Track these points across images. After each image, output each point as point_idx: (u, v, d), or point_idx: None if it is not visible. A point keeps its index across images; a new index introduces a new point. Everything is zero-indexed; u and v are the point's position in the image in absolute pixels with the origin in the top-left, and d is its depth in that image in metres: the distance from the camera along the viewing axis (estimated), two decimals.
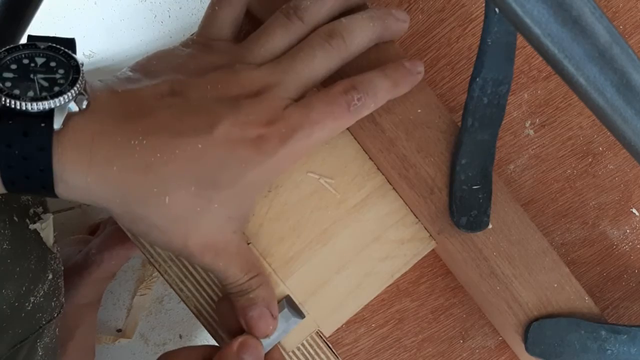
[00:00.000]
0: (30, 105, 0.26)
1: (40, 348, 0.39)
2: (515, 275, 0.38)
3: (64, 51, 0.28)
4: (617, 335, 0.36)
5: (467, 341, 0.44)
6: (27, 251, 0.36)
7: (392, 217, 0.39)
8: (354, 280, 0.39)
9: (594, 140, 0.45)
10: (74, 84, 0.27)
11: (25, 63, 0.27)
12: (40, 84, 0.27)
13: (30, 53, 0.28)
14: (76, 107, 0.27)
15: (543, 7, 0.20)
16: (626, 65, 0.21)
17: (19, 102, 0.26)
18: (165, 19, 0.65)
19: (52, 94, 0.27)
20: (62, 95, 0.27)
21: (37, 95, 0.26)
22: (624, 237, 0.45)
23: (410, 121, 0.37)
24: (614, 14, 0.44)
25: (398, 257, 0.39)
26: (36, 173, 0.27)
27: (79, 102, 0.27)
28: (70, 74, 0.28)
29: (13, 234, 0.35)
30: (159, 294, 0.72)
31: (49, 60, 0.28)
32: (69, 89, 0.27)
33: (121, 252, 0.60)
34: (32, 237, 0.38)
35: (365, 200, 0.38)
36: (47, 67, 0.27)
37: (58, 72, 0.27)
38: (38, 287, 0.38)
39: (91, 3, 0.62)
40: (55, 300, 0.41)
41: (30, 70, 0.27)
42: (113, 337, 0.70)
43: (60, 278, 0.42)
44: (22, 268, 0.36)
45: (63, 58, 0.28)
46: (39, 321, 0.38)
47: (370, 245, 0.39)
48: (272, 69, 0.32)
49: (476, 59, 0.34)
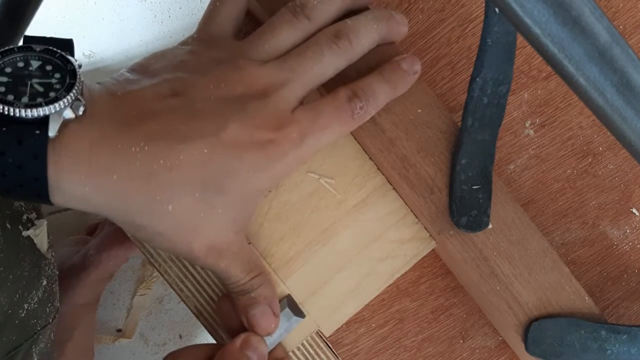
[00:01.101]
0: (25, 112, 0.25)
1: (36, 354, 0.39)
2: (515, 275, 0.38)
3: (60, 54, 0.27)
4: (617, 335, 0.36)
5: (467, 341, 0.44)
6: (20, 258, 0.36)
7: (392, 217, 0.39)
8: (354, 280, 0.39)
9: (594, 140, 0.45)
10: (70, 90, 0.26)
11: (20, 66, 0.26)
12: (35, 88, 0.26)
13: (25, 56, 0.26)
14: (72, 114, 0.26)
15: (543, 7, 0.20)
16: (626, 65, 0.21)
17: (12, 108, 0.25)
18: (165, 19, 0.65)
19: (47, 100, 0.25)
20: (58, 101, 0.25)
21: (32, 102, 0.25)
22: (624, 237, 0.45)
23: (410, 121, 0.37)
24: (614, 14, 0.44)
25: (398, 257, 0.39)
26: (30, 181, 0.25)
27: (76, 108, 0.26)
28: (67, 79, 0.26)
29: (6, 241, 0.35)
30: (159, 294, 0.72)
31: (44, 63, 0.27)
32: (65, 95, 0.26)
33: (119, 253, 0.60)
34: (26, 243, 0.37)
35: (366, 200, 0.38)
36: (43, 71, 0.26)
37: (54, 77, 0.26)
38: (32, 293, 0.37)
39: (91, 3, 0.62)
40: (49, 305, 0.40)
41: (25, 74, 0.26)
42: (113, 337, 0.70)
43: (54, 283, 0.41)
44: (16, 275, 0.35)
45: (59, 61, 0.27)
46: (34, 327, 0.38)
47: (370, 245, 0.39)
48: (278, 67, 0.31)
49: (476, 59, 0.34)
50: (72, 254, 0.61)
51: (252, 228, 0.37)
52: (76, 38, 0.28)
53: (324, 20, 0.33)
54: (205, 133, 0.28)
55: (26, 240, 0.37)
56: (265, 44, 0.32)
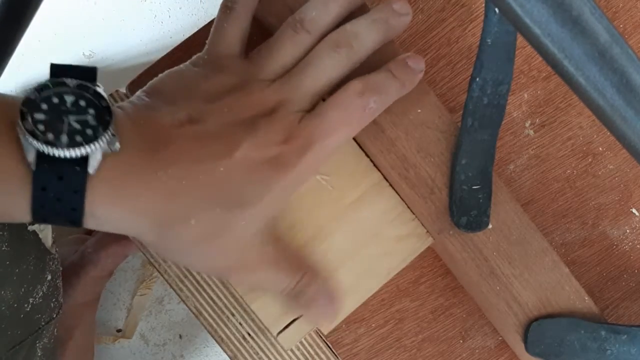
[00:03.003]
0: (66, 152, 0.26)
1: (39, 349, 0.39)
2: (515, 275, 0.38)
3: (94, 90, 0.28)
4: (617, 335, 0.36)
5: (467, 341, 0.44)
6: (25, 252, 0.36)
7: (389, 214, 0.39)
8: (352, 278, 0.39)
9: (594, 140, 0.45)
10: (107, 127, 0.27)
11: (55, 102, 0.27)
12: (73, 126, 0.27)
13: (59, 92, 0.27)
14: (109, 150, 0.27)
15: (543, 7, 0.20)
16: (626, 65, 0.21)
17: (54, 149, 0.26)
18: (165, 19, 0.65)
19: (86, 139, 0.26)
20: (97, 140, 0.26)
21: (72, 141, 0.26)
22: (624, 237, 0.45)
23: (410, 121, 0.37)
24: (614, 14, 0.44)
25: (396, 254, 0.39)
26: (67, 212, 0.27)
27: (111, 144, 0.27)
28: (103, 116, 0.27)
29: (11, 236, 0.35)
30: (159, 294, 0.72)
31: (78, 98, 0.27)
32: (103, 133, 0.27)
33: (117, 250, 0.60)
34: (31, 238, 0.38)
35: (362, 197, 0.38)
36: (78, 107, 0.27)
37: (89, 113, 0.27)
38: (37, 288, 0.38)
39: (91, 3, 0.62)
40: (54, 301, 0.41)
41: (61, 110, 0.27)
42: (113, 337, 0.70)
43: (58, 279, 0.42)
44: (21, 270, 0.36)
45: (93, 97, 0.28)
46: (38, 322, 0.39)
47: (367, 242, 0.39)
48: (282, 86, 0.33)
49: (476, 59, 0.34)
50: (70, 252, 0.61)
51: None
52: (76, 38, 0.28)
53: (323, 30, 0.34)
54: (220, 154, 0.30)
55: (31, 235, 0.38)
56: (274, 64, 0.33)
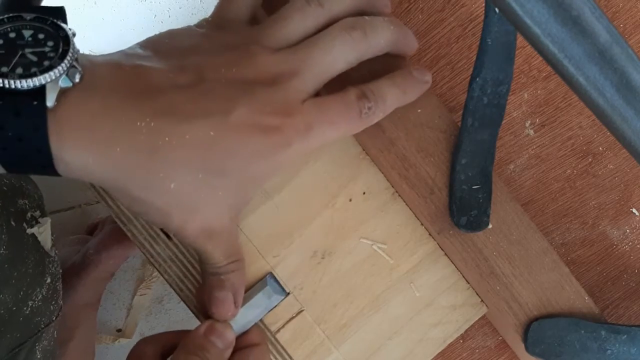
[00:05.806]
0: (20, 83, 0.24)
1: (39, 351, 0.39)
2: (515, 275, 0.38)
3: (52, 21, 0.26)
4: (617, 335, 0.36)
5: (467, 341, 0.44)
6: (24, 256, 0.36)
7: (444, 283, 0.39)
8: (407, 347, 0.39)
9: (594, 140, 0.45)
10: (64, 57, 0.25)
11: (12, 37, 0.25)
12: (29, 58, 0.25)
13: (16, 26, 0.26)
14: (69, 82, 0.25)
15: (543, 7, 0.20)
16: (626, 65, 0.21)
17: (7, 80, 0.24)
18: (165, 18, 0.65)
19: (41, 69, 0.25)
20: (53, 69, 0.25)
21: (26, 72, 0.25)
22: (624, 237, 0.45)
23: (410, 121, 0.37)
24: (614, 14, 0.44)
25: (450, 323, 0.39)
26: (33, 154, 0.25)
27: (72, 75, 0.25)
28: (60, 46, 0.26)
29: (10, 239, 0.35)
30: (159, 294, 0.72)
31: (36, 32, 0.26)
32: (59, 63, 0.25)
33: (119, 252, 0.60)
34: (30, 241, 0.37)
35: (418, 266, 0.38)
36: (36, 40, 0.26)
37: (47, 45, 0.26)
38: (36, 291, 0.38)
39: (91, 3, 0.62)
40: (53, 303, 0.40)
41: (17, 44, 0.25)
42: (113, 337, 0.70)
43: (58, 281, 0.42)
44: (20, 273, 0.36)
45: (51, 29, 0.26)
46: (38, 325, 0.38)
47: (422, 311, 0.39)
48: (288, 56, 0.31)
49: (476, 59, 0.34)
50: (72, 253, 0.61)
51: (305, 295, 0.37)
52: (76, 38, 0.27)
53: (337, 10, 0.32)
54: (213, 114, 0.28)
55: (30, 238, 0.37)
56: (278, 32, 0.31)
